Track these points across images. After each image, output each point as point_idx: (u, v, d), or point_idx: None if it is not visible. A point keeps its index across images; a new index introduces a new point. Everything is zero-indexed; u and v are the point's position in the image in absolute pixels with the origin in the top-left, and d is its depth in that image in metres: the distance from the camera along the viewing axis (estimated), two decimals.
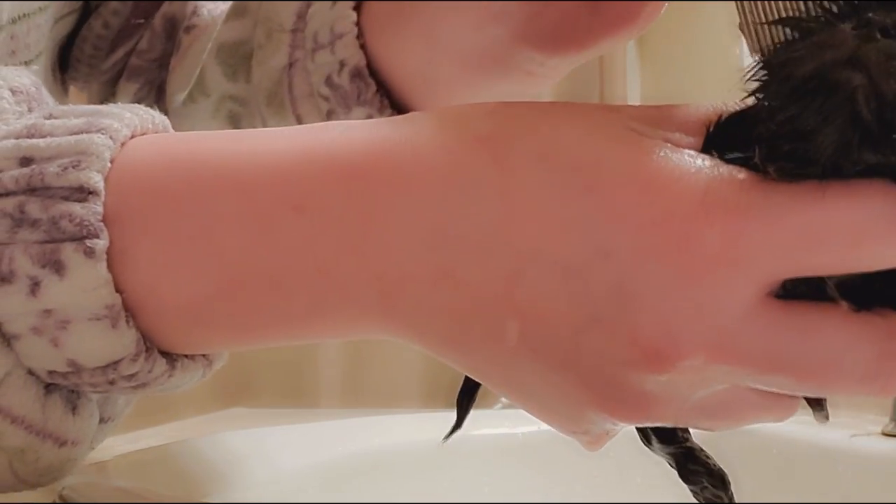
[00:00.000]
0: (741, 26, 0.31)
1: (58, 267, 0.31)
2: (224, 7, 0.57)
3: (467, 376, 0.37)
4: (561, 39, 0.46)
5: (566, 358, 0.30)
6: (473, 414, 0.39)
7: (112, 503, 0.44)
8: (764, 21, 0.30)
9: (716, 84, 0.88)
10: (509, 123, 0.31)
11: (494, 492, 0.64)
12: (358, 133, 0.32)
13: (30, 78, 0.36)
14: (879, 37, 0.27)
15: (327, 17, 0.50)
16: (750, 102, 0.30)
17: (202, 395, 0.93)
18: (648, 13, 0.45)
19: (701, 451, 0.36)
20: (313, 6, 0.51)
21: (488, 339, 0.31)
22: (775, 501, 0.60)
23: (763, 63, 0.29)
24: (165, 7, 0.58)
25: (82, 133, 0.32)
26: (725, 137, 0.30)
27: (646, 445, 0.37)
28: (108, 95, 0.59)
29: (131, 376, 0.33)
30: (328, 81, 0.50)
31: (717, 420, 0.32)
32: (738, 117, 0.31)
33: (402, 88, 0.50)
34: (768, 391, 0.31)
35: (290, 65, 0.51)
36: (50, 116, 0.33)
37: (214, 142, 0.34)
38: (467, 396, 0.38)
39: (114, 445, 0.47)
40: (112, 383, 0.33)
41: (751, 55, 0.31)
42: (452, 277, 0.31)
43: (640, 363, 0.29)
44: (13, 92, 0.35)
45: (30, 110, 0.35)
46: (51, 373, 0.32)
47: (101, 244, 0.31)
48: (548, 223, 0.30)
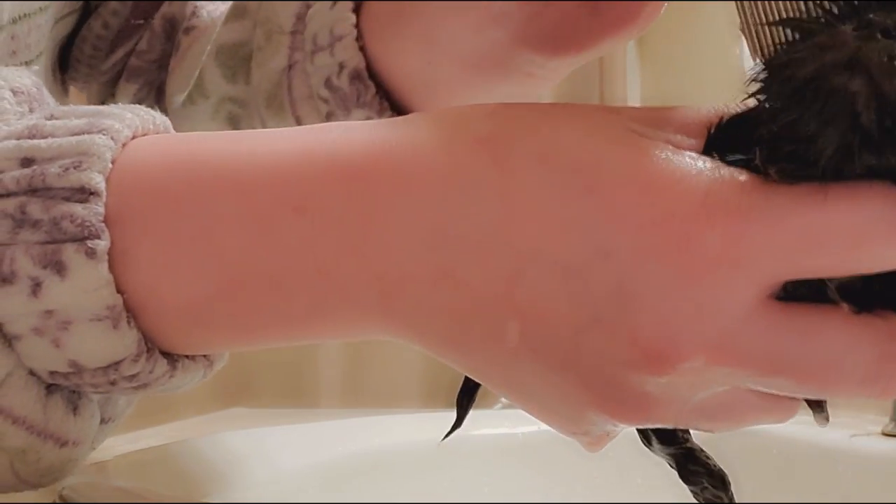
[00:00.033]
0: (741, 27, 0.31)
1: (59, 268, 0.31)
2: (223, 8, 0.57)
3: (467, 376, 0.37)
4: (561, 41, 0.46)
5: (566, 358, 0.30)
6: (473, 414, 0.39)
7: (112, 503, 0.44)
8: (764, 22, 0.30)
9: (716, 85, 0.88)
10: (509, 124, 0.31)
11: (494, 492, 0.64)
12: (358, 134, 0.32)
13: (31, 78, 0.36)
14: (880, 37, 0.27)
15: (327, 19, 0.50)
16: (751, 104, 0.30)
17: (202, 396, 0.93)
18: (648, 14, 0.45)
19: (701, 452, 0.36)
20: (313, 8, 0.51)
21: (488, 340, 0.31)
22: (775, 501, 0.60)
23: (764, 64, 0.29)
24: (165, 8, 0.58)
25: (83, 134, 0.32)
26: (726, 139, 0.30)
27: (646, 446, 0.37)
28: (108, 96, 0.59)
29: (132, 377, 0.33)
30: (327, 83, 0.50)
31: (718, 421, 0.32)
32: (739, 119, 0.31)
33: (402, 90, 0.50)
34: (768, 393, 0.31)
35: (290, 67, 0.51)
36: (51, 117, 0.33)
37: (215, 142, 0.34)
38: (467, 396, 0.38)
39: (114, 445, 0.48)
40: (113, 384, 0.33)
41: (751, 56, 0.31)
42: (452, 278, 0.30)
43: (641, 364, 0.29)
44: (14, 92, 0.35)
45: (31, 111, 0.35)
46: (52, 373, 0.32)
47: (103, 245, 0.31)
48: (548, 223, 0.30)
